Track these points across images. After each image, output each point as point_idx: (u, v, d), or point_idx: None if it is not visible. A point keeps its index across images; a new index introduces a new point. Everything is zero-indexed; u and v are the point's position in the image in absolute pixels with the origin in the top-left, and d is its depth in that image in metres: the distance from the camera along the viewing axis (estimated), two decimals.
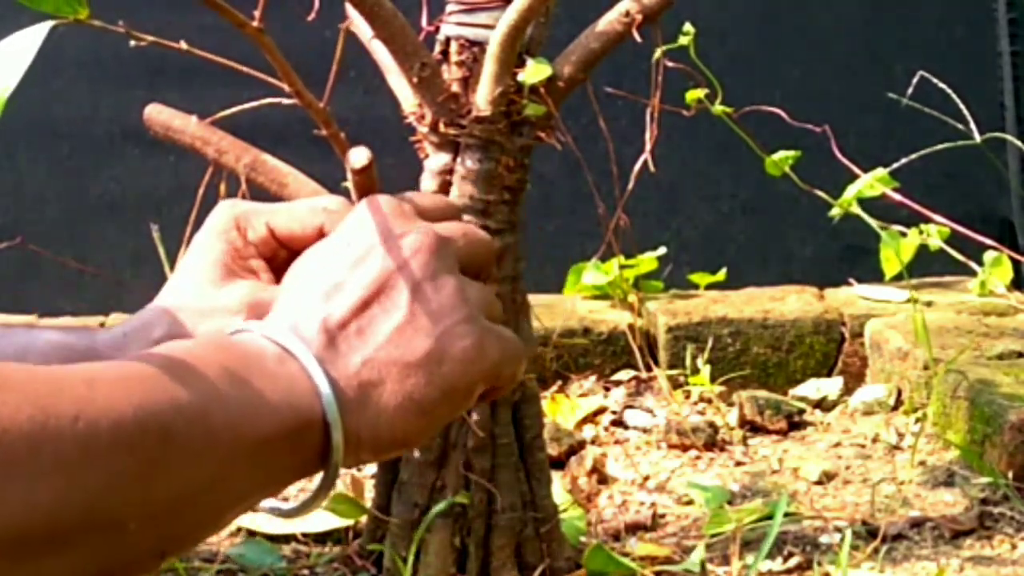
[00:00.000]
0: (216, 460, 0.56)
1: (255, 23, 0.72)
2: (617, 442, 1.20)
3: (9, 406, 0.48)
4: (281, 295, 0.66)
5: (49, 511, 0.48)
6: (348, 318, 0.63)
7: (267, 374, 0.59)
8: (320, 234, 0.77)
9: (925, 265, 1.35)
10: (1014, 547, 0.93)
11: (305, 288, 0.65)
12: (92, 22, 0.65)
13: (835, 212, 1.20)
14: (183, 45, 0.70)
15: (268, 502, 0.62)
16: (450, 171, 0.85)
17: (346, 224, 0.68)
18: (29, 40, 0.64)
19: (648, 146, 0.90)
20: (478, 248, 0.68)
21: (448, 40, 0.85)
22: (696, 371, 1.29)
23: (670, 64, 0.91)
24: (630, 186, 0.92)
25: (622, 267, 1.39)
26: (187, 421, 0.54)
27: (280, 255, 0.76)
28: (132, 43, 0.69)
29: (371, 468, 0.99)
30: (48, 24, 0.64)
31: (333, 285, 0.64)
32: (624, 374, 1.32)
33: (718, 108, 1.03)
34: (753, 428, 1.22)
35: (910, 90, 1.31)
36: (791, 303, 1.37)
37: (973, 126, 1.27)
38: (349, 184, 0.77)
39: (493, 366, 0.66)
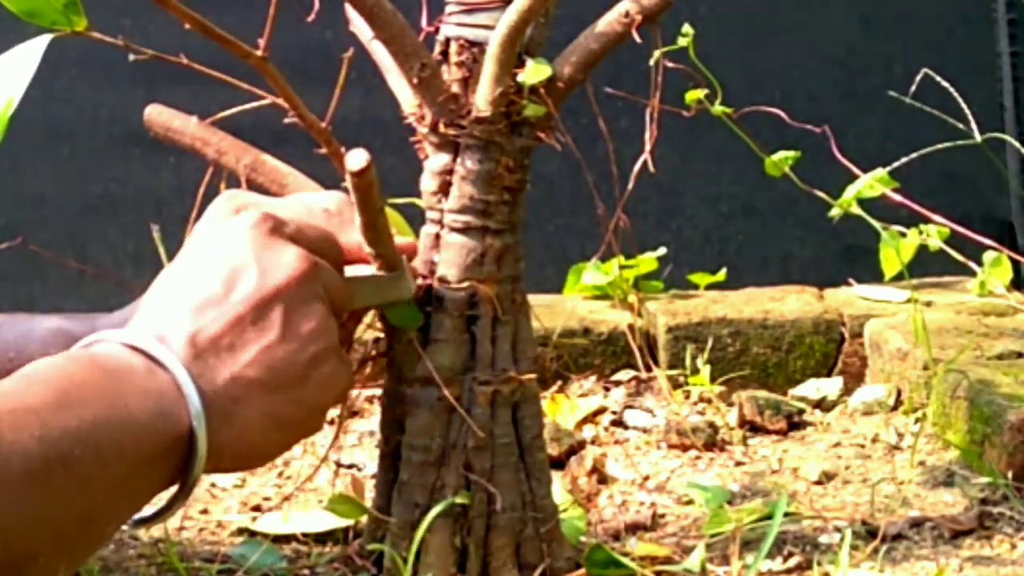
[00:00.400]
0: (108, 482, 0.56)
1: (260, 52, 0.72)
2: (617, 442, 1.20)
3: None
4: (145, 305, 0.66)
5: None
6: (220, 333, 0.64)
7: (139, 390, 0.60)
8: None
9: (925, 265, 1.35)
10: (1014, 547, 0.93)
11: (174, 300, 0.65)
12: (90, 34, 0.65)
13: (835, 212, 1.20)
14: (183, 59, 0.71)
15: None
16: (450, 171, 0.85)
17: (217, 233, 0.68)
18: (29, 53, 0.65)
19: (648, 146, 0.90)
20: (338, 283, 0.70)
21: (448, 41, 0.85)
22: (696, 371, 1.30)
23: (670, 65, 0.91)
24: (630, 186, 0.92)
25: (622, 267, 1.39)
26: (82, 447, 0.54)
27: None
28: (132, 57, 0.70)
29: (371, 468, 0.99)
30: (47, 37, 0.65)
31: (205, 299, 0.65)
32: (624, 374, 1.32)
33: (718, 108, 1.04)
34: (753, 428, 1.22)
35: (913, 88, 1.31)
36: (791, 303, 1.37)
37: (973, 126, 1.27)
38: (348, 186, 0.77)
39: (344, 391, 0.68)
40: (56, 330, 0.79)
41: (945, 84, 1.29)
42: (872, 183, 1.19)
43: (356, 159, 0.73)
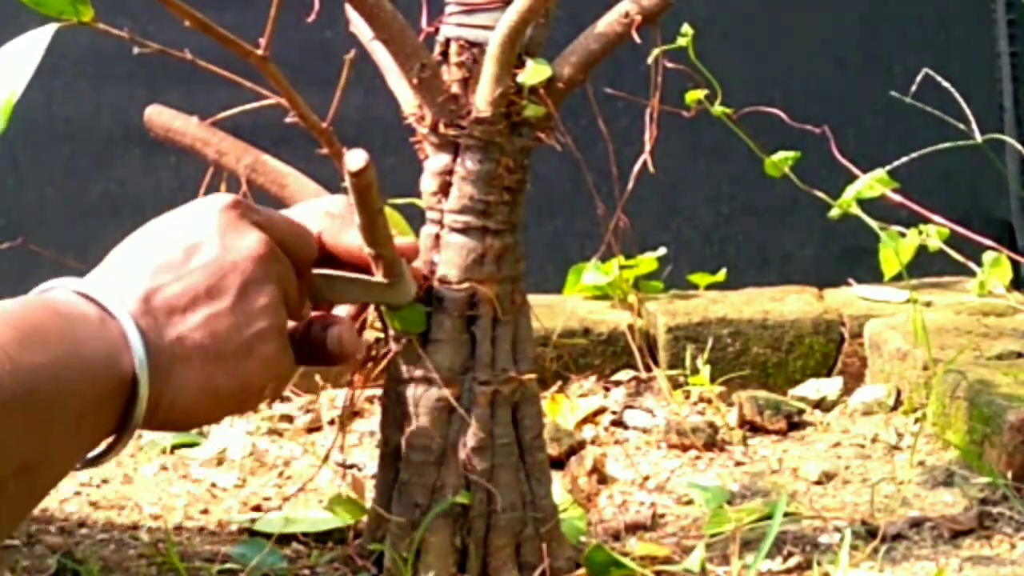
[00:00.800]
0: (64, 421, 0.58)
1: (260, 51, 0.72)
2: (617, 442, 1.20)
3: None
4: (107, 260, 0.68)
5: None
6: (173, 295, 0.66)
7: (91, 335, 0.62)
8: (319, 241, 0.78)
9: (924, 266, 1.35)
10: (1013, 547, 0.93)
11: (133, 260, 0.68)
12: (96, 25, 0.65)
13: (834, 213, 1.20)
14: (187, 55, 0.71)
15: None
16: (450, 172, 0.85)
17: (187, 211, 0.71)
18: (34, 43, 0.65)
19: (648, 147, 0.90)
20: (293, 280, 0.72)
21: (448, 41, 0.85)
22: (696, 371, 1.30)
23: (669, 65, 0.91)
24: (630, 187, 0.92)
25: (622, 267, 1.39)
26: (46, 383, 0.56)
27: None
28: (136, 50, 0.70)
29: (371, 468, 0.99)
30: (53, 27, 0.65)
31: (165, 262, 0.67)
32: (624, 374, 1.32)
33: (717, 109, 1.04)
34: (753, 428, 1.22)
35: (913, 88, 1.31)
36: (791, 303, 1.37)
37: (973, 127, 1.27)
38: (347, 186, 0.77)
39: (283, 375, 0.70)
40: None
41: (945, 84, 1.29)
42: (872, 183, 1.19)
43: (355, 159, 0.73)
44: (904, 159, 1.24)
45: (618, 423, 1.24)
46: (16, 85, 0.67)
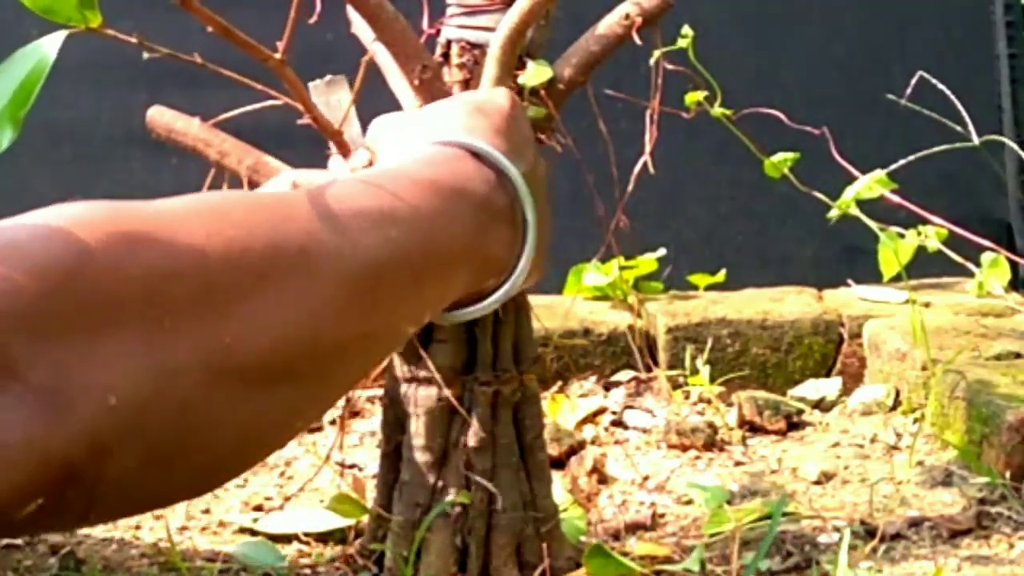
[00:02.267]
0: (419, 288, 0.58)
1: (278, 55, 0.73)
2: (617, 442, 1.20)
3: (238, 239, 0.49)
4: (405, 126, 0.70)
5: (280, 342, 0.49)
6: (501, 130, 0.67)
7: (477, 177, 0.63)
8: None
9: (923, 266, 1.35)
10: (1012, 546, 0.94)
11: (443, 113, 0.69)
12: (105, 31, 0.66)
13: (834, 214, 1.20)
14: (197, 58, 0.71)
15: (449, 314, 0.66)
16: None
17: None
18: (44, 50, 0.65)
19: (648, 148, 0.90)
20: None
21: (449, 43, 0.86)
22: (695, 372, 1.30)
23: (669, 67, 0.91)
24: (630, 188, 0.92)
25: (622, 268, 1.40)
26: (395, 261, 0.55)
27: None
28: (145, 55, 0.70)
29: (372, 468, 0.99)
30: (63, 34, 0.65)
31: (473, 108, 0.68)
32: (624, 375, 1.32)
33: (717, 110, 1.04)
34: (752, 428, 1.22)
35: (909, 90, 1.31)
36: (790, 304, 1.38)
37: (971, 128, 1.28)
38: None
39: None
40: None
41: (941, 86, 1.29)
42: (871, 184, 1.19)
43: (360, 158, 0.73)
44: (903, 161, 1.24)
45: (618, 423, 1.24)
46: (28, 92, 0.67)
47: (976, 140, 1.28)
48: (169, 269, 0.47)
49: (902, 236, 1.26)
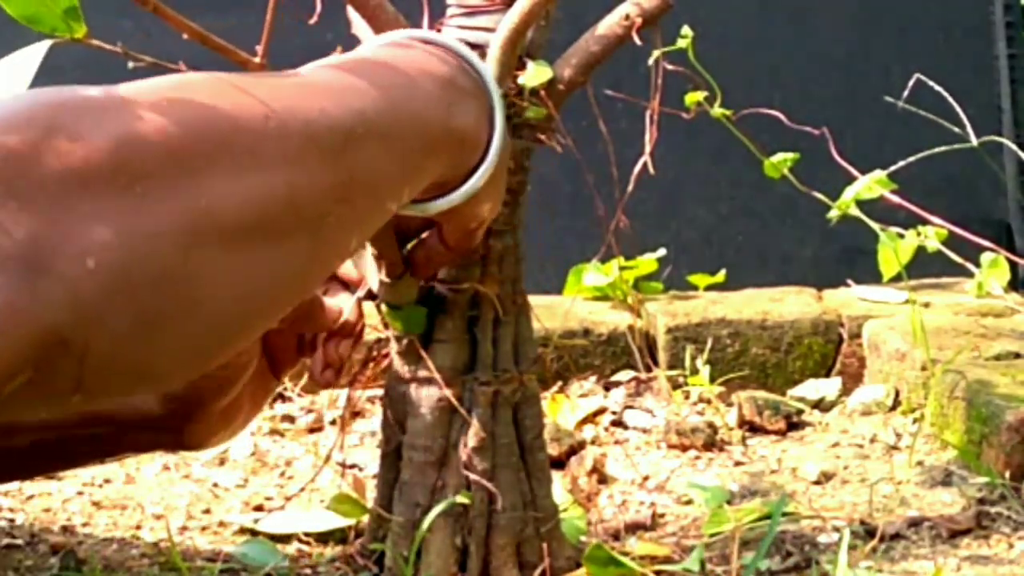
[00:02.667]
0: (394, 159, 0.59)
1: (258, 59, 0.73)
2: (617, 442, 1.20)
3: (203, 106, 0.50)
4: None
5: (256, 202, 0.51)
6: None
7: (437, 62, 0.66)
8: None
9: (923, 267, 1.35)
10: (1011, 546, 0.94)
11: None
12: (90, 41, 0.66)
13: (833, 214, 1.20)
14: (182, 66, 0.71)
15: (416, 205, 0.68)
16: None
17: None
18: (29, 59, 0.65)
19: (648, 148, 0.90)
20: None
21: None
22: (695, 372, 1.30)
23: (669, 67, 0.92)
24: (630, 188, 0.93)
25: (622, 268, 1.40)
26: (366, 128, 0.57)
27: None
28: (131, 64, 0.70)
29: (372, 468, 0.99)
30: (47, 43, 0.65)
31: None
32: (624, 375, 1.33)
33: (717, 111, 1.04)
34: (752, 428, 1.22)
35: (907, 92, 1.31)
36: (790, 304, 1.38)
37: (970, 129, 1.28)
38: None
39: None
40: None
41: (940, 89, 1.29)
42: (871, 185, 1.19)
43: None
44: (903, 162, 1.24)
45: (618, 423, 1.24)
46: None
47: (975, 141, 1.28)
48: (135, 136, 0.48)
49: (902, 236, 1.26)
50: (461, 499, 0.85)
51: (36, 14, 0.66)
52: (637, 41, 0.84)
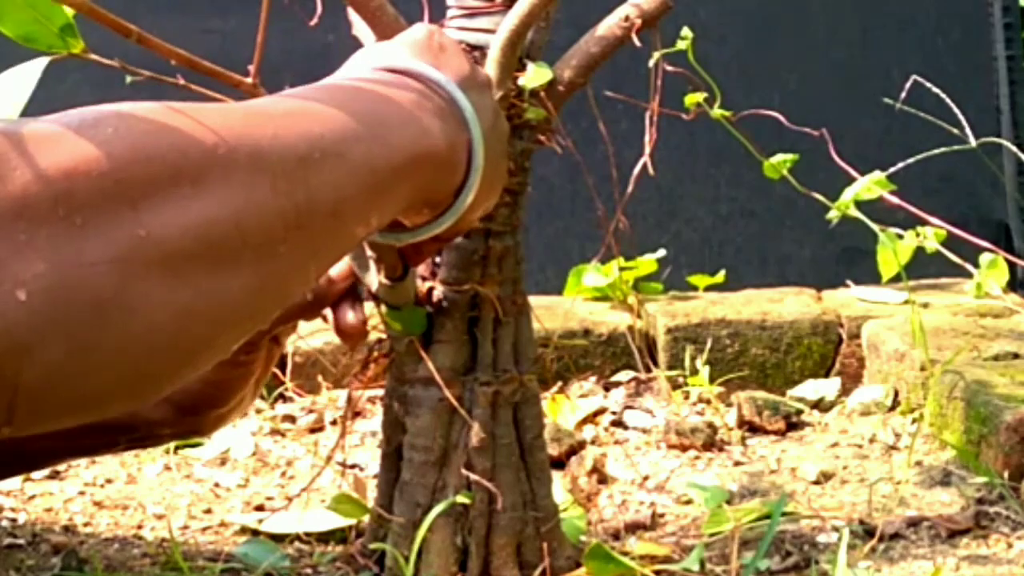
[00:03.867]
0: (358, 183, 0.58)
1: (249, 79, 0.73)
2: (617, 442, 1.20)
3: (149, 134, 0.50)
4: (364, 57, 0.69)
5: (199, 230, 0.50)
6: (455, 66, 0.69)
7: (419, 101, 0.64)
8: None
9: (922, 267, 1.36)
10: (1010, 546, 0.94)
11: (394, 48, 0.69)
12: (87, 56, 0.66)
13: (833, 215, 1.21)
14: (180, 80, 0.71)
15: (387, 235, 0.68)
16: None
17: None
18: (27, 75, 0.65)
19: (647, 149, 0.91)
20: None
21: None
22: (695, 372, 1.30)
23: (669, 68, 0.92)
24: (630, 189, 0.93)
25: (622, 269, 1.40)
26: (322, 152, 0.56)
27: None
28: (128, 79, 0.70)
29: (373, 468, 1.00)
30: (44, 60, 0.65)
31: (422, 47, 0.70)
32: (624, 375, 1.33)
33: (716, 112, 1.04)
34: (751, 428, 1.23)
35: (903, 94, 1.32)
36: (789, 305, 1.38)
37: (969, 130, 1.28)
38: None
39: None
40: None
41: (938, 90, 1.30)
42: (870, 186, 1.19)
43: None
44: (902, 163, 1.25)
45: (618, 423, 1.25)
46: (10, 114, 0.68)
47: (974, 142, 1.28)
48: (77, 167, 0.47)
49: (901, 237, 1.27)
50: (461, 499, 0.85)
51: (32, 32, 0.66)
52: (637, 42, 0.84)
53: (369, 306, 0.85)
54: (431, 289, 0.86)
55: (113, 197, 0.47)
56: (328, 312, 0.82)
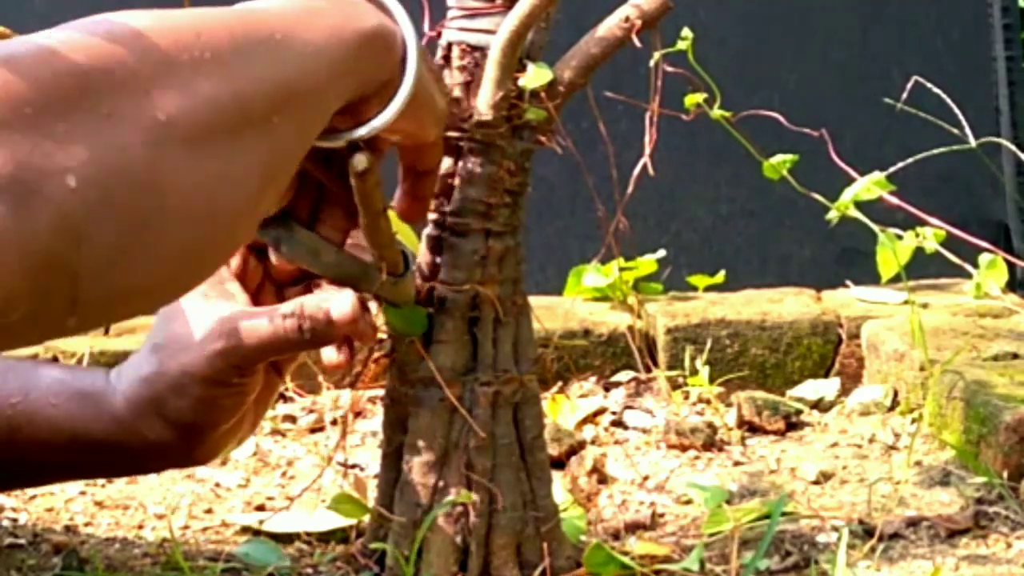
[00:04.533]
0: (323, 57, 0.64)
1: None
2: (617, 442, 1.21)
3: (146, 37, 0.55)
4: None
5: (206, 108, 0.56)
6: None
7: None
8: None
9: (921, 268, 1.36)
10: (1009, 546, 0.94)
11: None
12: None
13: (832, 215, 1.21)
14: None
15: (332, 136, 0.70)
16: (452, 174, 0.86)
17: None
18: None
19: (647, 150, 0.91)
20: None
21: (450, 45, 0.86)
22: (695, 372, 1.31)
23: (669, 69, 0.92)
24: (630, 189, 0.93)
25: (622, 269, 1.40)
26: (284, 32, 0.62)
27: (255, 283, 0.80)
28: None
29: (374, 468, 1.00)
30: None
31: None
32: (624, 375, 1.33)
33: (716, 112, 1.05)
34: (751, 428, 1.23)
35: (907, 93, 1.32)
36: (789, 305, 1.38)
37: (968, 130, 1.28)
38: (352, 186, 0.78)
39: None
40: (60, 380, 0.82)
41: (938, 90, 1.30)
42: (869, 186, 1.20)
43: (360, 160, 0.74)
44: (901, 163, 1.25)
45: (618, 423, 1.25)
46: None
47: (973, 142, 1.29)
48: (93, 64, 0.52)
49: (900, 237, 1.27)
50: (462, 499, 0.85)
51: None
52: (637, 43, 0.84)
53: (372, 306, 0.85)
54: (431, 288, 0.86)
55: (129, 87, 0.53)
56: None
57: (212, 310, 0.78)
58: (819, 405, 1.29)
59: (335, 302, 0.77)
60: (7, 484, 0.89)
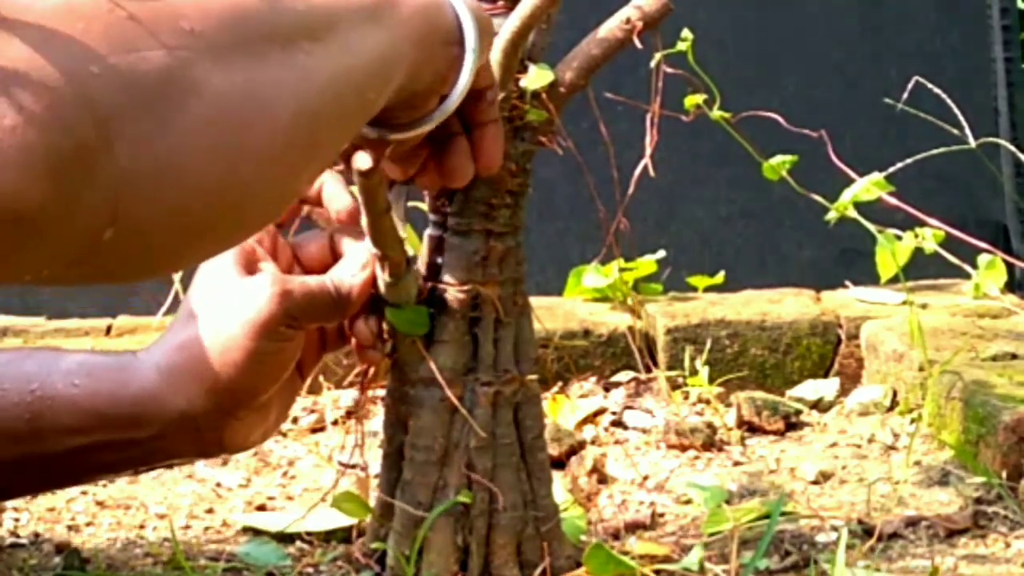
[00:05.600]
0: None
1: None
2: (617, 442, 1.21)
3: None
4: None
5: (230, 19, 0.55)
6: None
7: None
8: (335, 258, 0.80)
9: (920, 268, 1.36)
10: (1008, 545, 0.94)
11: None
12: None
13: (832, 216, 1.21)
14: None
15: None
16: None
17: None
18: None
19: (648, 151, 0.91)
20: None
21: None
22: (695, 372, 1.31)
23: (669, 70, 0.92)
24: (630, 190, 0.93)
25: (622, 270, 1.40)
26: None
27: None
28: None
29: (375, 468, 1.00)
30: None
31: None
32: (624, 375, 1.33)
33: (716, 113, 1.05)
34: (751, 428, 1.23)
35: (907, 95, 1.32)
36: (788, 305, 1.39)
37: (967, 131, 1.29)
38: (355, 187, 0.78)
39: None
40: (81, 362, 0.81)
41: (937, 91, 1.30)
42: (868, 187, 1.20)
43: (363, 160, 0.74)
44: (900, 164, 1.25)
45: (618, 423, 1.25)
46: None
47: (972, 143, 1.29)
48: None
49: (899, 238, 1.27)
50: (462, 498, 0.85)
51: None
52: (638, 44, 0.84)
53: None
54: (432, 288, 0.86)
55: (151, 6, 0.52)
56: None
57: (248, 283, 0.78)
58: (818, 405, 1.29)
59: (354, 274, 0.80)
60: (28, 487, 0.88)
